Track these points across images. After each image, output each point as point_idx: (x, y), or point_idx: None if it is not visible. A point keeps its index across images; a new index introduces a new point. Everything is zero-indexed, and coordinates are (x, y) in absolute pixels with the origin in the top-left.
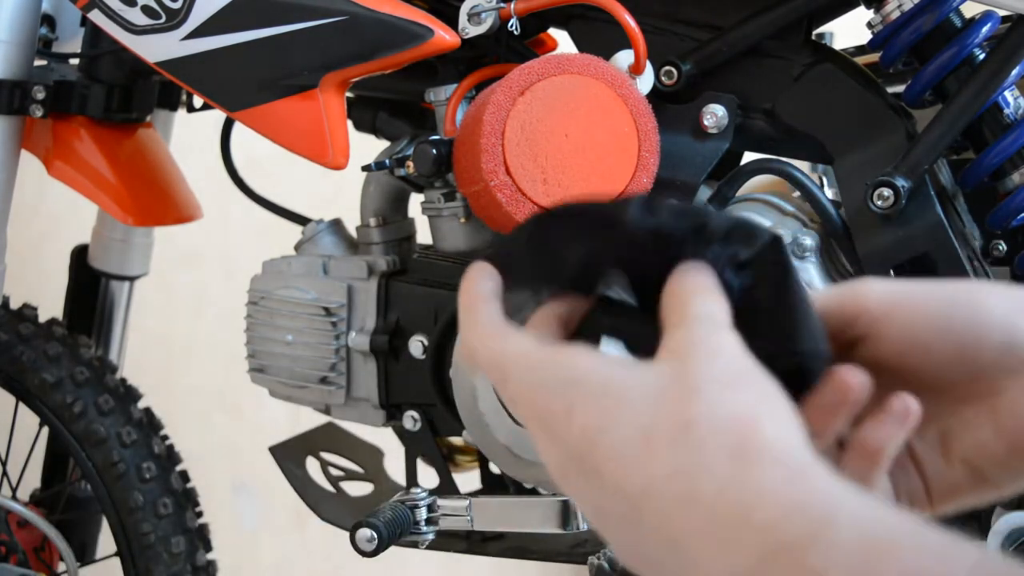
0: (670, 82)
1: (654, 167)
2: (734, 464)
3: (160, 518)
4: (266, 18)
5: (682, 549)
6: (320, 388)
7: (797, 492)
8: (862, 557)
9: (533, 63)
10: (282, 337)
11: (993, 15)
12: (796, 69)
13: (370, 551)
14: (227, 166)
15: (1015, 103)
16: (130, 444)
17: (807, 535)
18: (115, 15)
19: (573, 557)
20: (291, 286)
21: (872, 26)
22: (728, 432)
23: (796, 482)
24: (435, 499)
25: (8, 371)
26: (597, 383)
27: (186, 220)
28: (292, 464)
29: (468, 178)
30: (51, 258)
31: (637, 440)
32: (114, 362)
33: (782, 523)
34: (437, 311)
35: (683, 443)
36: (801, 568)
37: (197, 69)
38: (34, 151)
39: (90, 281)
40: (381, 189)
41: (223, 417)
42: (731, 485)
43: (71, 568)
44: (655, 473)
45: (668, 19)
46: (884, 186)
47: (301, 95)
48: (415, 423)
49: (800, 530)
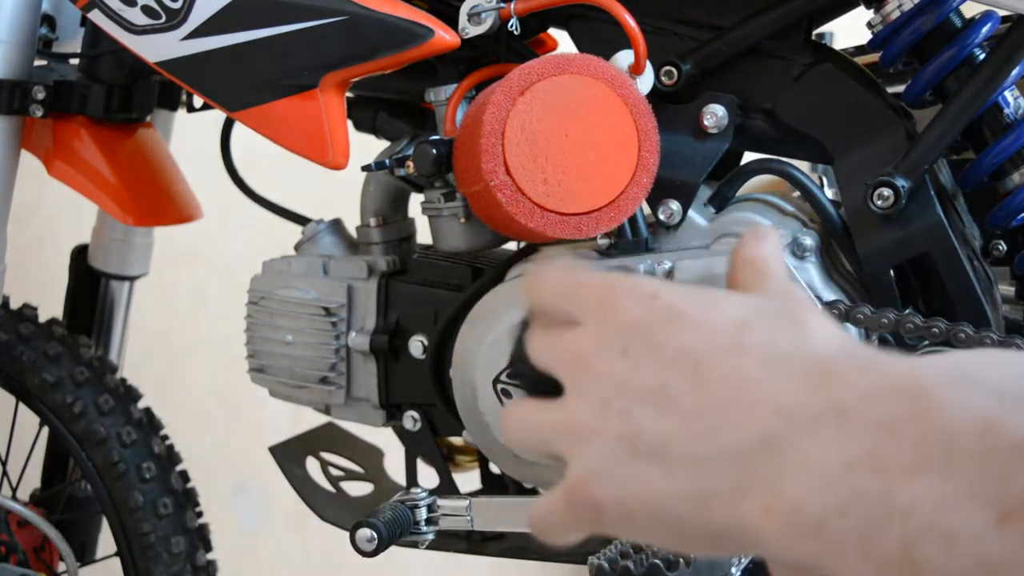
0: (670, 82)
1: (654, 167)
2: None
3: (160, 518)
4: (266, 18)
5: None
6: (320, 388)
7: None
8: (951, 362)
9: (533, 63)
10: (282, 337)
11: (993, 15)
12: (796, 69)
13: (370, 551)
14: (227, 166)
15: (1015, 103)
16: (130, 444)
17: (881, 360)
18: (115, 15)
19: (573, 557)
20: (291, 286)
21: (872, 26)
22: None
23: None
24: (435, 499)
25: (8, 371)
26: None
27: (186, 220)
28: (292, 464)
29: (468, 178)
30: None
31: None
32: (114, 362)
33: (840, 360)
34: (437, 311)
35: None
36: (901, 392)
37: (197, 69)
38: (34, 151)
39: (90, 281)
40: (381, 189)
41: (223, 417)
42: (798, 342)
43: (71, 568)
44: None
45: (668, 19)
46: (884, 186)
47: (301, 95)
48: (415, 423)
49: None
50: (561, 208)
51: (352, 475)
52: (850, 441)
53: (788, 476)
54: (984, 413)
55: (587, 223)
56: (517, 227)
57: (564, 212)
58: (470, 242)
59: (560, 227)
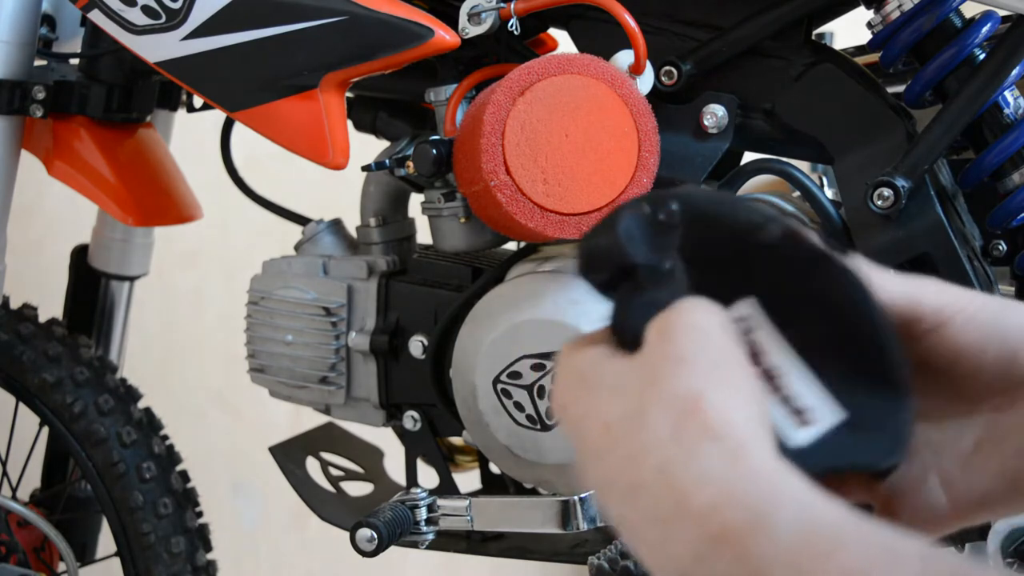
0: (670, 82)
1: (654, 167)
2: (674, 444)
3: (160, 518)
4: (266, 18)
5: (637, 540)
6: (320, 388)
7: (736, 474)
8: (805, 551)
9: (533, 63)
10: (282, 337)
11: (993, 15)
12: (796, 69)
13: (370, 551)
14: (227, 166)
15: (1015, 103)
16: (130, 444)
17: (747, 523)
18: (115, 15)
19: (573, 557)
20: (291, 286)
21: (872, 26)
22: (672, 410)
23: (736, 463)
24: (435, 499)
25: (8, 371)
26: (581, 374)
27: (186, 220)
28: (292, 464)
29: (468, 178)
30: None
31: (600, 429)
32: (114, 362)
33: (720, 510)
34: (437, 311)
35: (636, 428)
36: (741, 560)
37: (197, 69)
38: (34, 151)
39: (90, 281)
40: (381, 189)
41: (223, 417)
42: (670, 466)
43: (71, 568)
44: (610, 463)
45: (668, 19)
46: (884, 186)
47: (301, 95)
48: (415, 423)
49: (739, 517)
50: (561, 208)
51: (352, 475)
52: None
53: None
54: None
55: (587, 223)
56: (517, 227)
57: (564, 212)
58: (470, 242)
59: (560, 227)
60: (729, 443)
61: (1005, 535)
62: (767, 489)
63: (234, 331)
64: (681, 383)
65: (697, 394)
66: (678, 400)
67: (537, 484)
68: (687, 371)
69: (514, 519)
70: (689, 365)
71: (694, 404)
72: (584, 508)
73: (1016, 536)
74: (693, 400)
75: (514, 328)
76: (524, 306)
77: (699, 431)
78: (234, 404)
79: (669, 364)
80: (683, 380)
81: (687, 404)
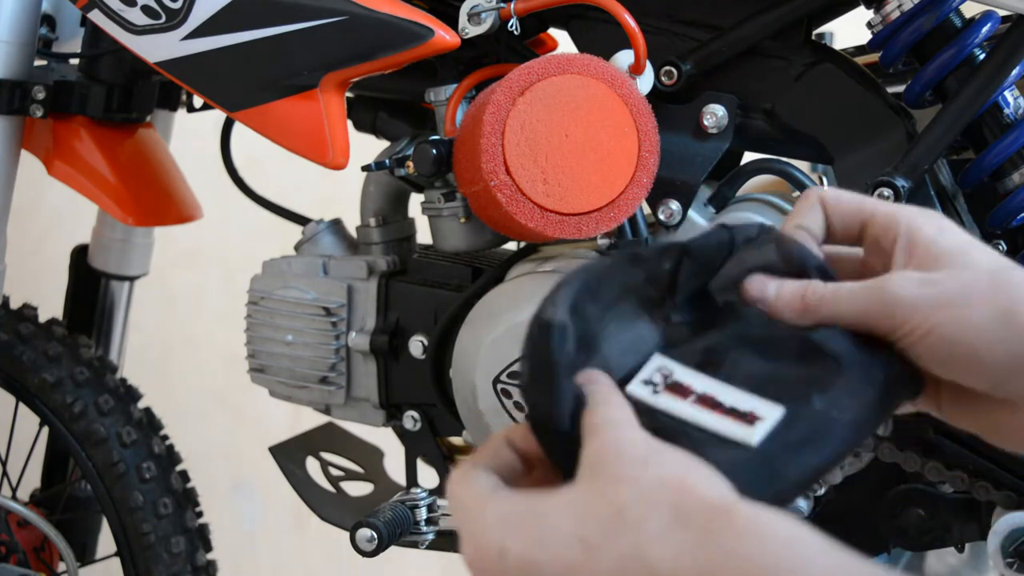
0: (670, 82)
1: (654, 167)
2: (681, 529)
3: (160, 518)
4: (266, 18)
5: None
6: (320, 388)
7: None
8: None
9: (533, 63)
10: (282, 337)
11: (993, 15)
12: (796, 69)
13: (370, 551)
14: (227, 166)
15: (1015, 103)
16: (130, 444)
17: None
18: (115, 15)
19: None
20: (291, 286)
21: (872, 26)
22: (662, 500)
23: (751, 530)
24: (435, 499)
25: (8, 371)
26: (521, 512)
27: (186, 220)
28: (292, 464)
29: (468, 178)
30: (51, 258)
31: (575, 547)
32: (114, 362)
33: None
34: (437, 311)
35: (621, 529)
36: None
37: (197, 69)
38: (34, 151)
39: (90, 281)
40: (381, 189)
41: (223, 417)
42: (686, 551)
43: (71, 568)
44: (605, 567)
45: (668, 19)
46: (884, 186)
47: (301, 95)
48: (415, 423)
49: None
50: (561, 208)
51: (352, 475)
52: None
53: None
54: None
55: (587, 223)
56: (517, 227)
57: (564, 212)
58: (470, 242)
59: (560, 227)
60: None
61: (1005, 535)
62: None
63: (234, 331)
64: (654, 475)
65: (679, 479)
66: (662, 490)
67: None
68: (651, 465)
69: None
70: (652, 461)
71: (682, 488)
72: None
73: (1016, 536)
74: (679, 485)
75: (514, 328)
76: (524, 306)
77: (702, 513)
78: (234, 404)
79: (629, 466)
80: (654, 472)
81: (675, 490)
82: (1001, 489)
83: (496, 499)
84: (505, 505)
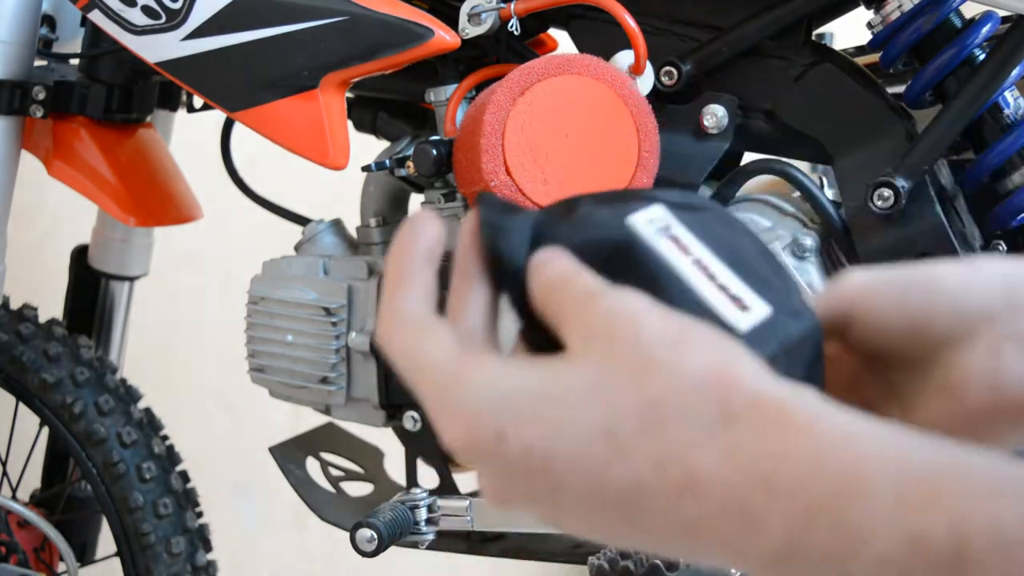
0: (670, 82)
1: (654, 167)
2: (727, 428)
3: (160, 518)
4: (266, 18)
5: (698, 538)
6: (320, 388)
7: (814, 441)
8: (908, 504)
9: (533, 63)
10: (282, 337)
11: (993, 15)
12: (796, 69)
13: (370, 551)
14: (227, 166)
15: (1015, 103)
16: (130, 444)
17: (840, 489)
18: (115, 15)
19: (573, 557)
20: (291, 286)
21: (872, 26)
22: (704, 395)
23: (808, 429)
24: (435, 499)
25: (8, 371)
26: (525, 390)
27: (186, 220)
28: (292, 464)
29: (468, 178)
30: (51, 258)
31: (600, 442)
32: (114, 362)
33: (809, 482)
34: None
35: (657, 425)
36: (844, 531)
37: (197, 69)
38: (34, 151)
39: (90, 281)
40: (381, 189)
41: (223, 417)
42: (735, 453)
43: (71, 568)
44: (637, 469)
45: (668, 19)
46: (884, 186)
47: (301, 95)
48: (415, 423)
49: (832, 485)
50: None
51: (352, 475)
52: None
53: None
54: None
55: None
56: None
57: None
58: None
59: None
60: (776, 408)
61: None
62: (849, 444)
63: (234, 331)
64: (693, 363)
65: (718, 368)
66: (703, 383)
67: None
68: (687, 350)
69: (514, 519)
70: (685, 344)
71: (727, 383)
72: None
73: None
74: (722, 379)
75: None
76: None
77: (749, 409)
78: (234, 404)
79: (660, 348)
80: (692, 359)
81: (718, 384)
82: None
83: (480, 365)
84: (498, 378)
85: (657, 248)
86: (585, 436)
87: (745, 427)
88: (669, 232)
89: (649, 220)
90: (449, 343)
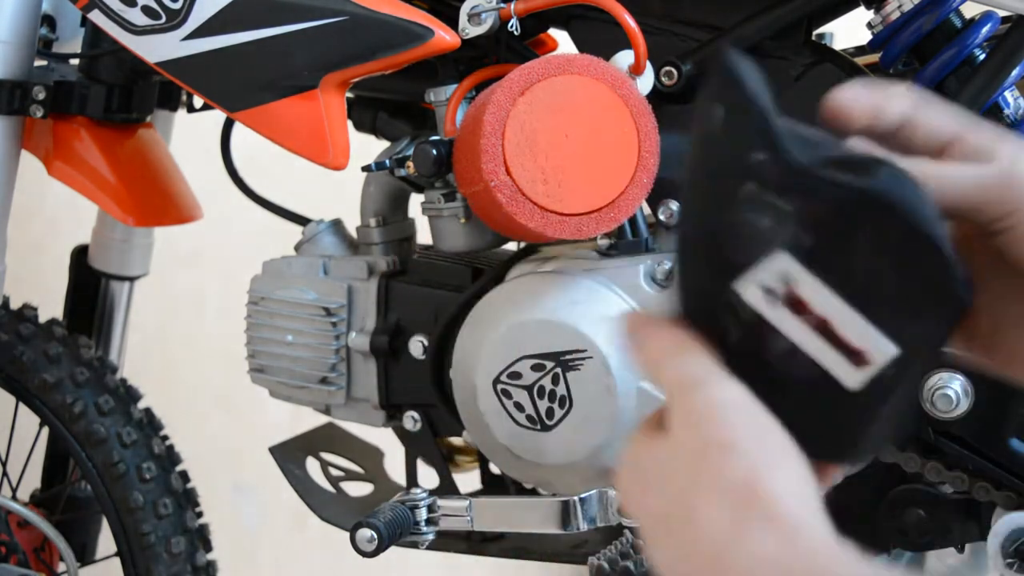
0: (670, 82)
1: (654, 167)
2: (732, 532)
3: (160, 518)
4: (266, 18)
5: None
6: (320, 388)
7: (790, 557)
8: None
9: (533, 63)
10: (282, 337)
11: (993, 15)
12: (796, 69)
13: (370, 551)
14: (227, 166)
15: (1015, 103)
16: (130, 444)
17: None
18: (115, 15)
19: (573, 557)
20: (291, 286)
21: (872, 26)
22: (727, 499)
23: (795, 544)
24: (435, 499)
25: (8, 371)
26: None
27: (186, 220)
28: (292, 464)
29: (468, 178)
30: (51, 258)
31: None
32: (114, 362)
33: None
34: (437, 311)
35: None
36: None
37: (197, 69)
38: (34, 151)
39: (90, 281)
40: (381, 189)
41: (223, 417)
42: (726, 550)
43: (71, 568)
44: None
45: (668, 19)
46: None
47: (301, 95)
48: (415, 423)
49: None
50: (561, 208)
51: (352, 475)
52: None
53: None
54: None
55: (587, 223)
56: (517, 227)
57: (564, 212)
58: (470, 242)
59: (560, 227)
60: (786, 525)
61: (1005, 536)
62: (826, 566)
63: (234, 331)
64: (731, 471)
65: (753, 481)
66: (733, 489)
67: (537, 484)
68: (735, 457)
69: (514, 519)
70: (735, 451)
71: (750, 492)
72: (584, 508)
73: (1016, 537)
74: (749, 488)
75: (514, 328)
76: (524, 306)
77: (758, 513)
78: (234, 404)
79: (713, 451)
80: (732, 468)
81: (743, 492)
82: (1001, 489)
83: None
84: (638, 448)
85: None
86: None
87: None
88: (792, 292)
89: (765, 289)
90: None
